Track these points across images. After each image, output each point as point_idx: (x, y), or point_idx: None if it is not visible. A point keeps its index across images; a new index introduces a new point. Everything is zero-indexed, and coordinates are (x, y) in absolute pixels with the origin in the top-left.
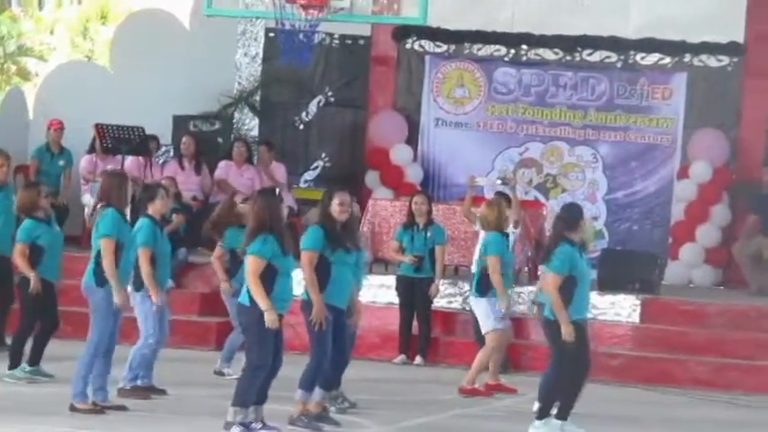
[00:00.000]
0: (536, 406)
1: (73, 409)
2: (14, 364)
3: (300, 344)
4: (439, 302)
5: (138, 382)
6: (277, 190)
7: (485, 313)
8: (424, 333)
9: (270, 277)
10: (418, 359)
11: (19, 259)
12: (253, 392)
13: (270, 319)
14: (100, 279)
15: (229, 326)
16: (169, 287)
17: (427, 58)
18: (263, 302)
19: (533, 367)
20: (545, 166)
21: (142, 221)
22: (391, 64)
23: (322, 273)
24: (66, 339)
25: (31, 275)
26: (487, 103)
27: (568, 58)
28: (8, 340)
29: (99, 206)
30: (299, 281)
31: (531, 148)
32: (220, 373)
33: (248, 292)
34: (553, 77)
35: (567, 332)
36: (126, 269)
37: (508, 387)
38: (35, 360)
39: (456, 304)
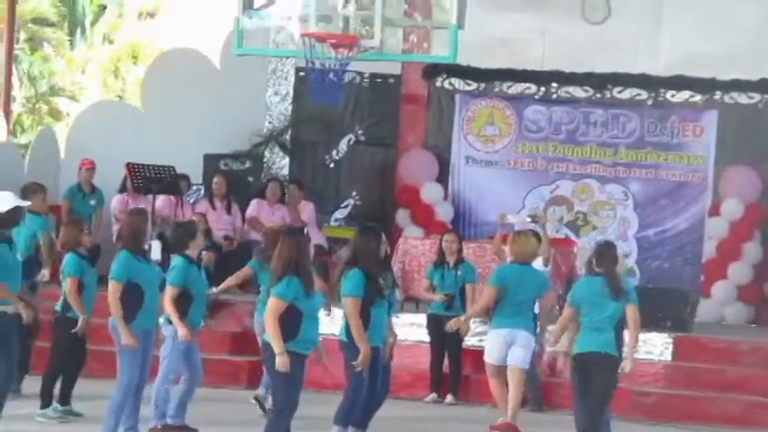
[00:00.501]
0: None
1: None
2: (46, 404)
3: (332, 382)
4: (470, 341)
5: (169, 421)
6: (305, 229)
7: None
8: (454, 371)
9: (294, 319)
10: (449, 397)
11: (73, 296)
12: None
13: (280, 362)
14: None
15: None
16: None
17: (457, 96)
18: (276, 345)
19: (565, 405)
20: (575, 204)
21: (177, 260)
22: (421, 102)
23: (363, 316)
24: (95, 378)
25: (82, 317)
26: (518, 140)
27: (599, 95)
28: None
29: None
30: (330, 320)
31: (562, 185)
32: (260, 401)
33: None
34: (584, 115)
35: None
36: (151, 307)
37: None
38: (65, 399)
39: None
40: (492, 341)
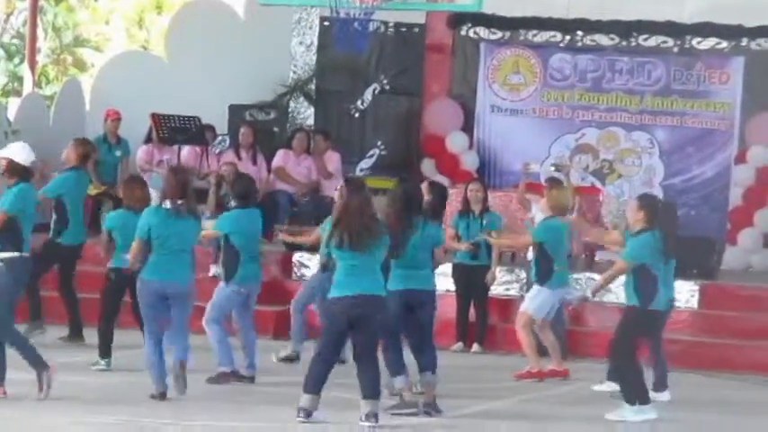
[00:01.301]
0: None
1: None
2: (106, 353)
3: None
4: (496, 290)
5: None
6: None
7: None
8: (481, 320)
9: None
10: (475, 347)
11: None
12: (313, 378)
13: None
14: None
15: (287, 314)
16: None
17: (482, 45)
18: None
19: (591, 354)
20: (601, 152)
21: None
22: (446, 51)
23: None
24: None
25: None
26: (543, 89)
27: (624, 43)
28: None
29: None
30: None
31: (588, 133)
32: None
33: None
34: (609, 63)
35: None
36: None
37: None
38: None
39: (513, 291)
40: (547, 301)
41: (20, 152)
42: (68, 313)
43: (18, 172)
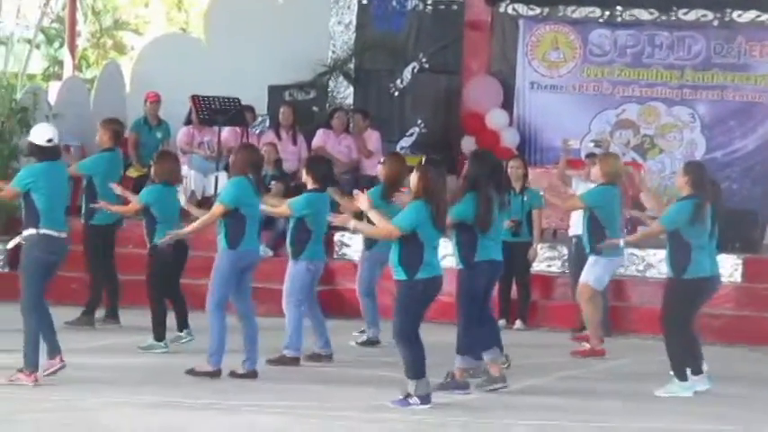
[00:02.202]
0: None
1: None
2: (161, 336)
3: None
4: (538, 266)
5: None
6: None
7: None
8: (523, 297)
9: (417, 247)
10: (518, 323)
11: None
12: (416, 364)
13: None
14: (230, 242)
15: (331, 294)
16: (267, 256)
17: (521, 21)
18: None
19: (634, 329)
20: (642, 127)
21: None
22: (485, 28)
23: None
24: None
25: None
26: (583, 65)
27: (664, 17)
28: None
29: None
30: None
31: (628, 109)
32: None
33: (400, 265)
34: (649, 38)
35: None
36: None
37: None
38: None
39: (555, 268)
40: (606, 270)
41: (36, 133)
42: (107, 295)
43: (35, 153)
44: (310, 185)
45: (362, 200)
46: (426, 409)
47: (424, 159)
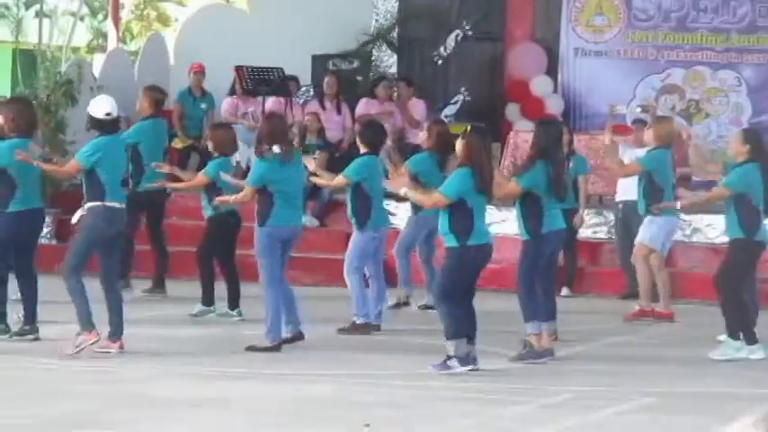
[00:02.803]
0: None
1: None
2: (210, 300)
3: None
4: (584, 233)
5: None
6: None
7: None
8: (570, 264)
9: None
10: (565, 290)
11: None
12: (456, 324)
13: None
14: (259, 218)
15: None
16: (313, 226)
17: None
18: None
19: (682, 295)
20: (687, 92)
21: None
22: None
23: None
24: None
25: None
26: (627, 30)
27: None
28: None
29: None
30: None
31: (673, 74)
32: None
33: (451, 232)
34: (693, 2)
35: None
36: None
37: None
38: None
39: (601, 234)
40: (661, 229)
41: (95, 106)
42: (156, 265)
43: (95, 126)
44: (363, 150)
45: (399, 182)
46: (470, 376)
47: (469, 128)
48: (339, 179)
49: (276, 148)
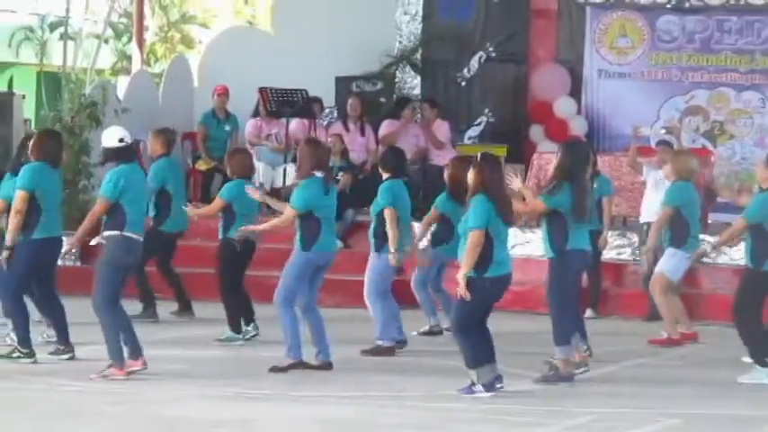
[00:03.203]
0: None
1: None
2: (238, 328)
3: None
4: (608, 254)
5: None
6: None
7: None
8: (594, 285)
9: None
10: (589, 312)
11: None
12: (474, 354)
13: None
14: (304, 244)
15: (401, 285)
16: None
17: (588, 8)
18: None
19: (705, 316)
20: (711, 113)
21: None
22: (552, 16)
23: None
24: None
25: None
26: (651, 51)
27: (732, 2)
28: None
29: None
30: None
31: (697, 95)
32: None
33: None
34: (717, 23)
35: None
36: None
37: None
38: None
39: (625, 255)
40: (682, 263)
41: (107, 136)
42: (174, 289)
43: (111, 156)
44: (385, 175)
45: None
46: (493, 398)
47: (479, 156)
48: (389, 211)
49: (319, 174)
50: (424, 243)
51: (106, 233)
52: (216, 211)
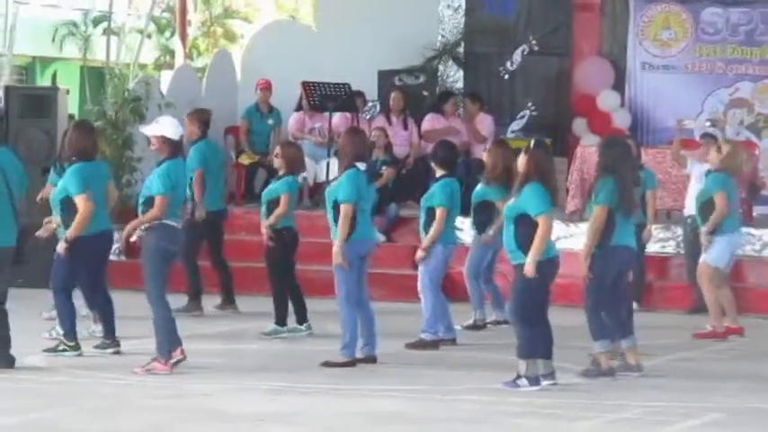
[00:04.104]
0: None
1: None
2: (283, 321)
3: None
4: (652, 247)
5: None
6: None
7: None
8: (638, 279)
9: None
10: (633, 305)
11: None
12: (529, 345)
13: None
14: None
15: (449, 280)
16: (380, 242)
17: (632, 1)
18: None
19: (751, 310)
20: (756, 106)
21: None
22: (595, 9)
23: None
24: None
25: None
26: (695, 44)
27: None
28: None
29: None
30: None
31: (741, 87)
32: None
33: (519, 249)
34: (762, 15)
35: None
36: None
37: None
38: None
39: (669, 248)
40: (725, 248)
41: (169, 125)
42: (221, 282)
43: (167, 147)
44: (439, 173)
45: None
46: (538, 392)
47: (532, 143)
48: (439, 211)
49: (361, 165)
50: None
51: (146, 225)
52: (286, 210)
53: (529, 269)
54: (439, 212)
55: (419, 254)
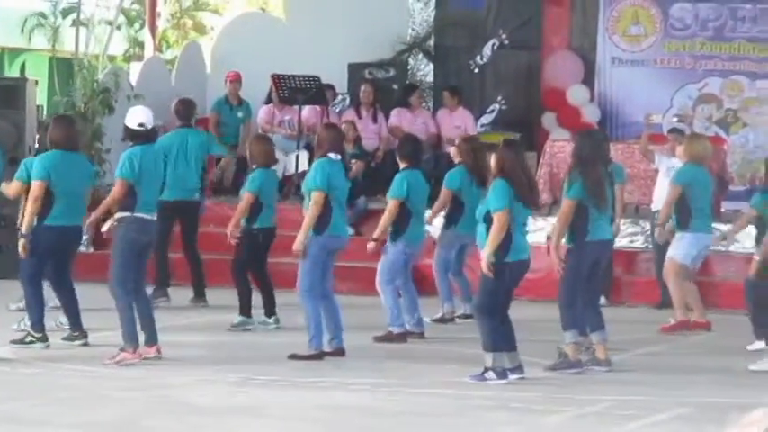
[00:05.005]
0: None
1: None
2: (249, 313)
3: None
4: (620, 242)
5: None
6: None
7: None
8: (606, 273)
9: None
10: (601, 299)
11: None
12: (492, 337)
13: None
14: (316, 226)
15: (418, 273)
16: (349, 235)
17: None
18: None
19: (719, 304)
20: (725, 101)
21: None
22: (565, 4)
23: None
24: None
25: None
26: (664, 39)
27: None
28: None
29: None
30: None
31: (710, 83)
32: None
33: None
34: (731, 11)
35: None
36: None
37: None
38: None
39: (638, 243)
40: (692, 246)
41: (129, 116)
42: (192, 274)
43: (129, 136)
44: (403, 166)
45: None
46: (507, 385)
47: (501, 141)
48: (391, 203)
49: (333, 156)
50: (435, 229)
51: (118, 215)
52: (248, 207)
53: (484, 267)
54: (391, 204)
55: (369, 245)
